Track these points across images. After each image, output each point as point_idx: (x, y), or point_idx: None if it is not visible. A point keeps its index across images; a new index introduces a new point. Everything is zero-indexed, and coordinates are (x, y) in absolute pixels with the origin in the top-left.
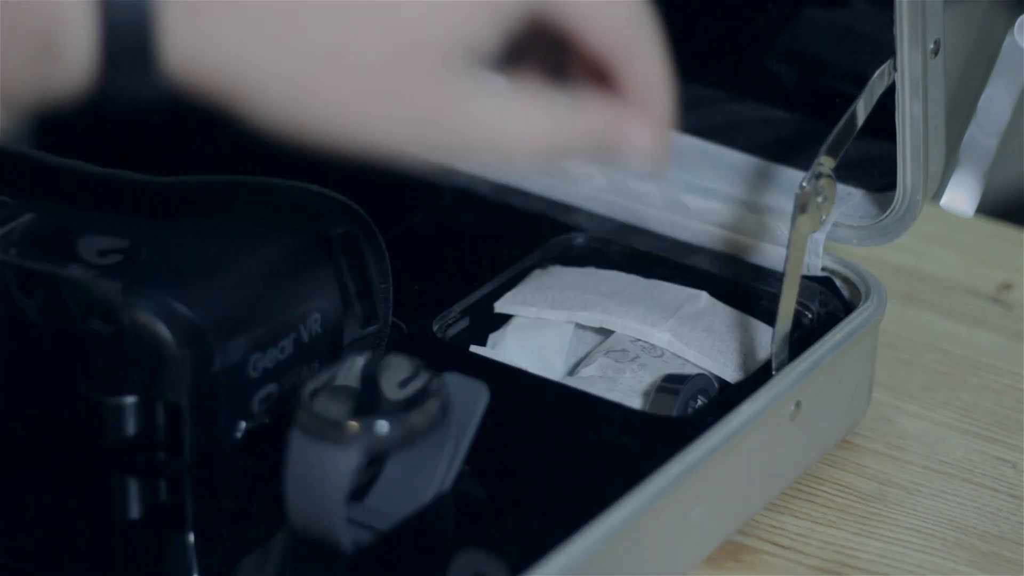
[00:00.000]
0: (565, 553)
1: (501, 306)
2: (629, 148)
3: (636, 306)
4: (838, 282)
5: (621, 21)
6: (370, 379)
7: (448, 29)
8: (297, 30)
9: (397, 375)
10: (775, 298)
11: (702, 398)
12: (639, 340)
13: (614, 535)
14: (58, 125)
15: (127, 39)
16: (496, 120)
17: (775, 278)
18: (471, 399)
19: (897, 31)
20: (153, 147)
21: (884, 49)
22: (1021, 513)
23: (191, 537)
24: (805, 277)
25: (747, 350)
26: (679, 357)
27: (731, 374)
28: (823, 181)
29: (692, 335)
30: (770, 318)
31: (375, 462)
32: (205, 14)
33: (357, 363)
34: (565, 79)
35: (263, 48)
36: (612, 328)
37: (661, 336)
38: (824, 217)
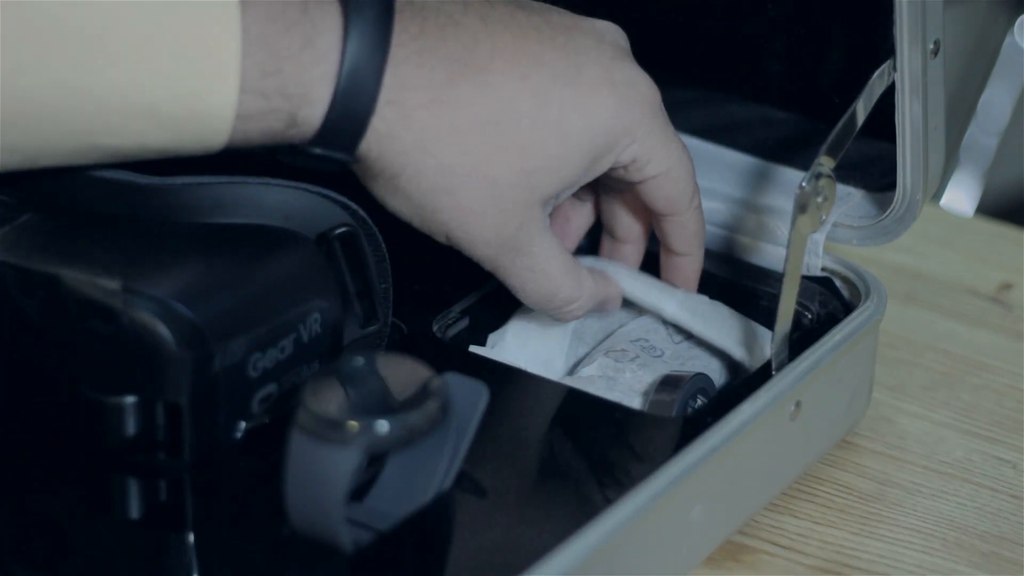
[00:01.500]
0: (565, 553)
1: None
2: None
3: (645, 279)
4: (838, 282)
5: (685, 190)
6: (370, 379)
7: (561, 169)
8: (456, 136)
9: (397, 375)
10: (775, 298)
11: (702, 398)
12: (639, 340)
13: (614, 535)
14: None
15: (345, 123)
16: (543, 276)
17: (775, 278)
18: (471, 399)
19: (897, 31)
20: None
21: (884, 49)
22: (1021, 513)
23: (191, 537)
24: (805, 277)
25: (750, 330)
26: (679, 357)
27: (735, 349)
28: (823, 181)
29: (698, 307)
30: (770, 318)
31: (375, 462)
32: (409, 115)
33: (357, 363)
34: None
35: (437, 144)
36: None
37: (669, 304)
38: (824, 217)
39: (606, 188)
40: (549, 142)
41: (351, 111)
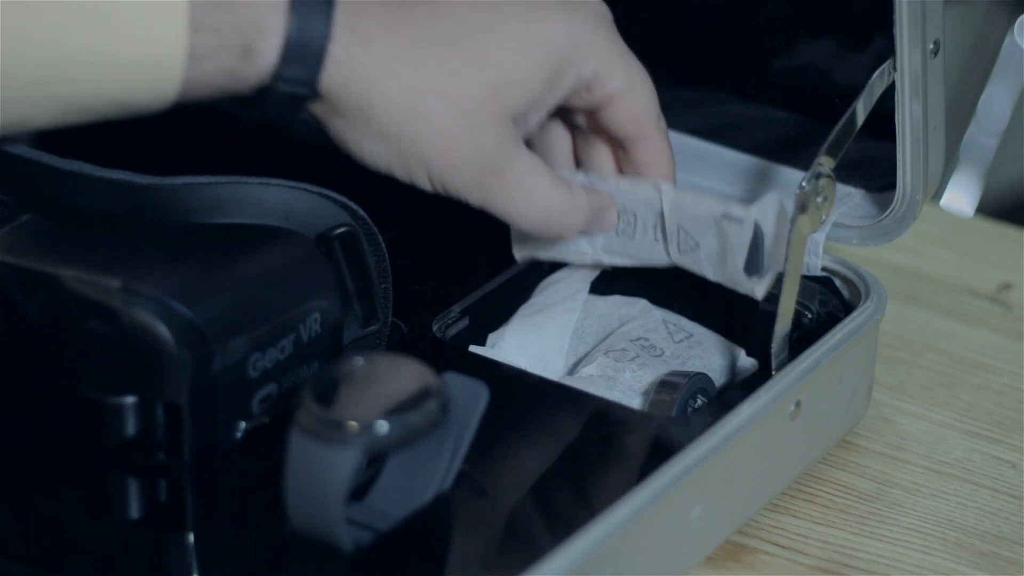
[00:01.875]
0: (565, 553)
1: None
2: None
3: (630, 179)
4: (838, 282)
5: (650, 109)
6: (370, 379)
7: (525, 83)
8: (416, 55)
9: (397, 375)
10: (775, 298)
11: (702, 398)
12: (639, 339)
13: (614, 535)
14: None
15: (303, 52)
16: (534, 191)
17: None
18: (471, 399)
19: (897, 31)
20: (153, 147)
21: (884, 49)
22: (1021, 513)
23: (191, 537)
24: (805, 277)
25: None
26: (679, 356)
27: (739, 281)
28: (823, 181)
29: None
30: (769, 318)
31: (375, 462)
32: (367, 39)
33: (357, 363)
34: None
35: (399, 65)
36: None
37: (672, 250)
38: (824, 217)
39: (576, 127)
40: (508, 55)
41: (307, 38)
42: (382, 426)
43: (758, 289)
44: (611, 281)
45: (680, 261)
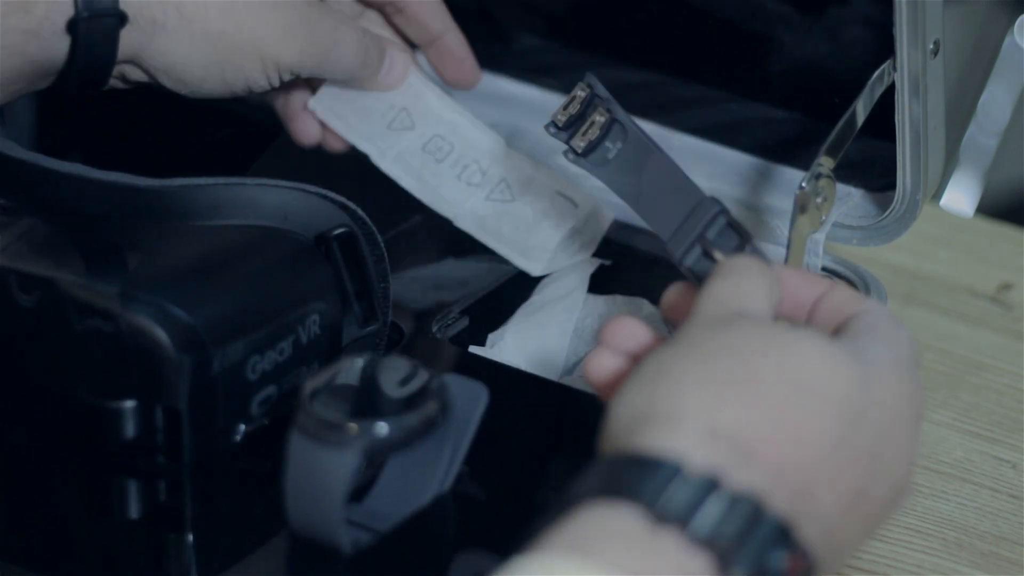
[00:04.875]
0: None
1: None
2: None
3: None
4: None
5: None
6: (369, 380)
7: None
8: None
9: (397, 375)
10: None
11: None
12: None
13: None
14: (57, 128)
15: None
16: (339, 33)
17: None
18: (471, 399)
19: (897, 31)
20: (152, 149)
21: (884, 49)
22: (1021, 513)
23: (191, 539)
24: None
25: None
26: None
27: (525, 250)
28: (823, 181)
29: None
30: None
31: (374, 463)
32: None
33: (356, 364)
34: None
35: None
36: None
37: (475, 195)
38: (824, 217)
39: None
40: None
41: None
42: (381, 427)
43: (535, 267)
44: (611, 281)
45: (473, 209)
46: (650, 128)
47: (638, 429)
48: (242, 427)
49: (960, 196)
